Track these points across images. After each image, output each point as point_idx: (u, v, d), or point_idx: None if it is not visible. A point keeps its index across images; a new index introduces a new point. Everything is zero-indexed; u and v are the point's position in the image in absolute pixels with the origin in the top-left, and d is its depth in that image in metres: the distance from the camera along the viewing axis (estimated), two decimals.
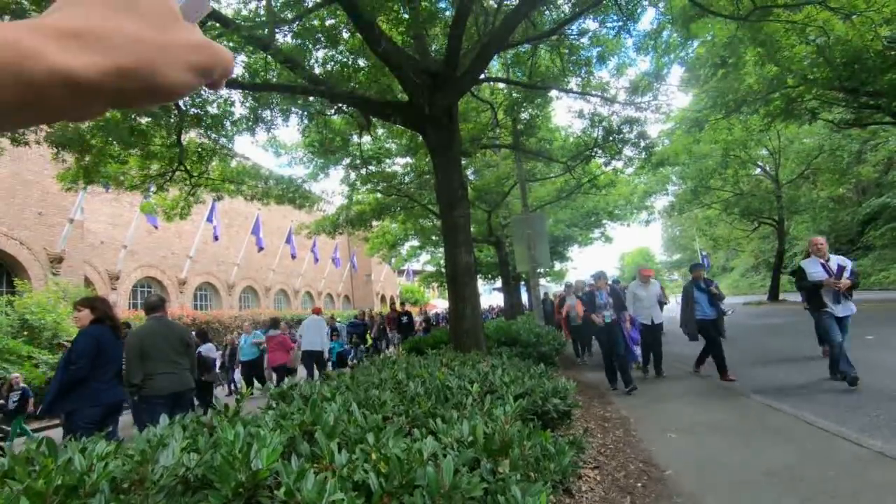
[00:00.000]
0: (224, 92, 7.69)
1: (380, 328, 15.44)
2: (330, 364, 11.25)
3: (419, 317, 19.15)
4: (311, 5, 6.78)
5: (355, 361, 12.52)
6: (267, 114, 8.28)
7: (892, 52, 10.14)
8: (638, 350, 7.50)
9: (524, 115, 10.80)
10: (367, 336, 14.60)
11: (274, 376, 9.96)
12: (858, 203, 29.64)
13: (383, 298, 40.05)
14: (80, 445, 1.67)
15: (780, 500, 2.97)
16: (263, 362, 10.49)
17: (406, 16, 6.61)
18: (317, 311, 10.56)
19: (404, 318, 14.20)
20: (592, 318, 6.95)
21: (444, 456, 1.71)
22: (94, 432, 2.09)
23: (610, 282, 7.75)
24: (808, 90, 11.96)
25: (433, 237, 18.12)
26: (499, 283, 22.04)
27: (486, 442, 2.03)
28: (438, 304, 41.09)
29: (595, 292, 7.09)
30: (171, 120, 7.34)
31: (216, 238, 20.64)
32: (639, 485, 3.39)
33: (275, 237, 26.36)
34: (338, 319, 16.27)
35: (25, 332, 11.36)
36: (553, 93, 10.67)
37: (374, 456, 1.69)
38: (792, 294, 27.20)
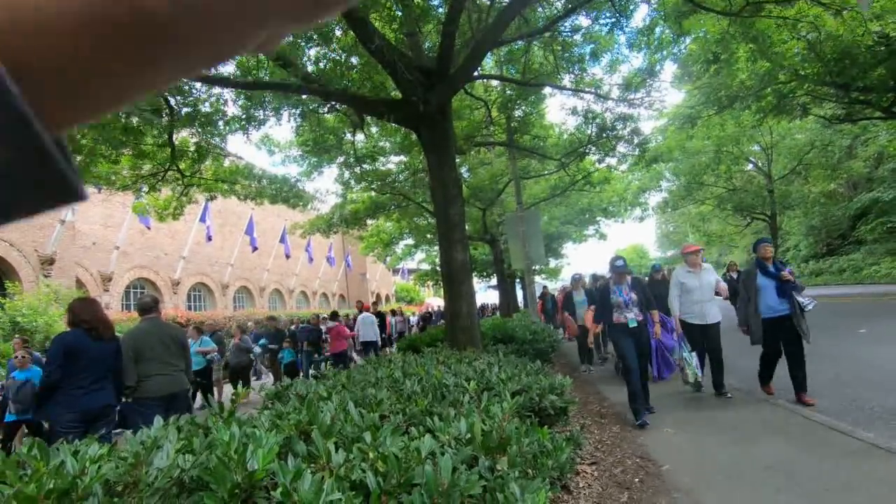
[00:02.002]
0: (216, 90, 7.63)
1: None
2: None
3: (393, 317, 17.28)
4: None
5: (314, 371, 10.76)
6: (259, 112, 8.22)
7: (882, 48, 10.21)
8: (674, 360, 5.71)
9: (518, 113, 10.79)
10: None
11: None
12: (849, 198, 29.90)
13: (378, 297, 40.00)
14: (73, 448, 1.64)
15: (777, 493, 2.99)
16: (212, 373, 9.41)
17: (399, 13, 6.58)
18: (366, 308, 12.37)
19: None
20: (591, 326, 5.36)
21: (442, 454, 1.69)
22: (78, 437, 2.06)
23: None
24: (799, 86, 12.03)
25: (428, 235, 18.08)
26: (494, 281, 22.03)
27: (483, 439, 2.02)
28: (433, 302, 41.05)
29: (612, 287, 5.26)
30: (163, 119, 7.27)
31: (209, 238, 20.51)
32: (636, 480, 3.39)
33: (269, 237, 26.25)
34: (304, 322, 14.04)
35: (17, 335, 11.24)
36: (547, 90, 10.67)
37: (371, 455, 1.68)
38: None
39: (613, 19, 8.06)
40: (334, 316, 11.42)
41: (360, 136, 10.71)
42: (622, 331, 5.06)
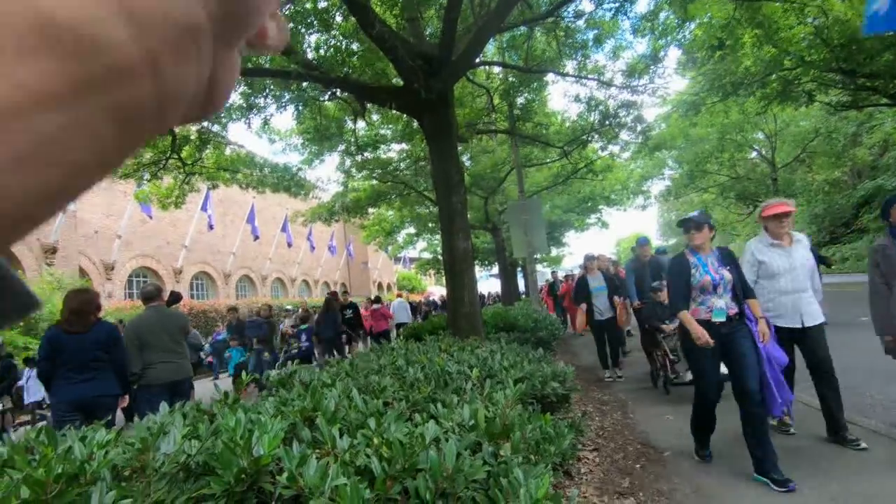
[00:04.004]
0: None
1: (317, 326, 11.48)
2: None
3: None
4: None
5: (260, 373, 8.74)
6: (260, 100, 8.17)
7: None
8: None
9: (520, 100, 10.71)
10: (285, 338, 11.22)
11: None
12: (853, 186, 29.73)
13: (380, 286, 40.09)
14: (80, 434, 1.66)
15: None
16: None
17: None
18: (399, 295, 15.30)
19: (348, 312, 10.83)
20: (688, 322, 3.14)
21: (446, 440, 1.71)
22: (72, 425, 2.10)
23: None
24: (805, 72, 11.88)
25: (430, 224, 18.06)
26: (496, 270, 22.03)
27: (487, 425, 2.03)
28: (435, 290, 41.12)
29: (687, 259, 3.28)
30: None
31: (211, 227, 20.52)
32: (637, 466, 3.42)
33: (270, 225, 26.23)
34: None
35: (21, 324, 11.32)
36: (549, 77, 10.57)
37: (375, 441, 1.69)
38: None
39: (617, 4, 7.94)
40: (378, 300, 13.25)
41: (361, 124, 10.65)
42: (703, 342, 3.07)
